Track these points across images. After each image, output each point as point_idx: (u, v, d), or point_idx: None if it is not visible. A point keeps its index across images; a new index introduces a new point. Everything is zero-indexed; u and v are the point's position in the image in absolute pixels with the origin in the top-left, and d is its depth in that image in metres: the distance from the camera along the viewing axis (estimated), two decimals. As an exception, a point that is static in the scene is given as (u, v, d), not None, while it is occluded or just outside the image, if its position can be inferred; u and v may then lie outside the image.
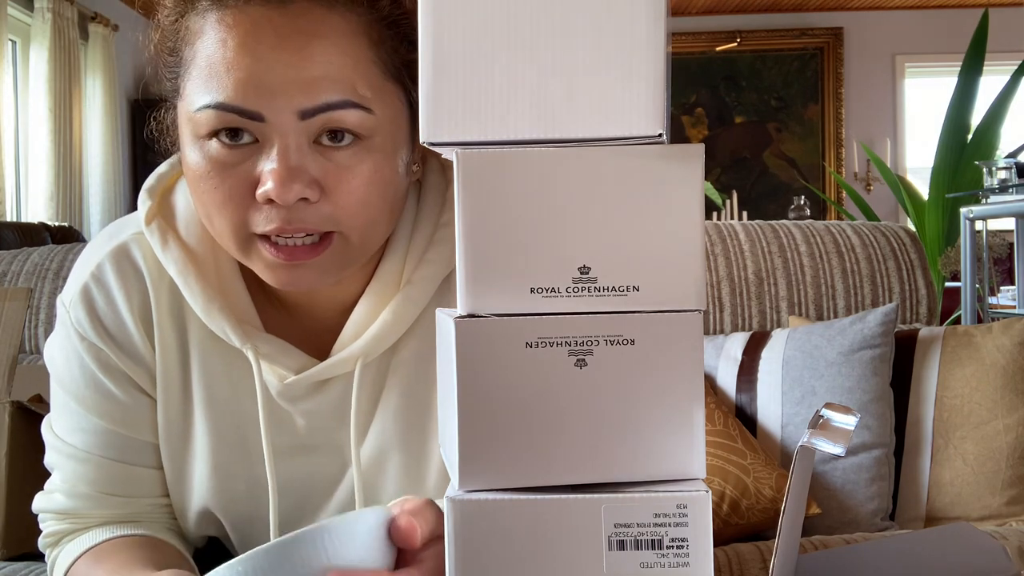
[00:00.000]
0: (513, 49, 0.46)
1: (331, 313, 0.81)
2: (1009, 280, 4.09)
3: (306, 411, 0.81)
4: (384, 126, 0.71)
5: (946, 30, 5.98)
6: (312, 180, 0.68)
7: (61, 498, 0.82)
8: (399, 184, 0.74)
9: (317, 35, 0.68)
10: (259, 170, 0.68)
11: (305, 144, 0.69)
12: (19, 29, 4.40)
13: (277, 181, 0.67)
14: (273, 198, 0.67)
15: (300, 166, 0.68)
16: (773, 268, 1.63)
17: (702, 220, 0.48)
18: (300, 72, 0.67)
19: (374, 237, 0.74)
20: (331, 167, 0.69)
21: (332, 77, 0.68)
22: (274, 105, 0.67)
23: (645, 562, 0.47)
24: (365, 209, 0.71)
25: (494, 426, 0.47)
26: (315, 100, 0.67)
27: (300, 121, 0.68)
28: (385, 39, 0.71)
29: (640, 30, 0.45)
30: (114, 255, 0.81)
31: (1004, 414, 1.40)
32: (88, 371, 0.81)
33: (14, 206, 4.35)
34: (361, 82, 0.69)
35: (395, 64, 0.72)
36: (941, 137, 4.31)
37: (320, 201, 0.69)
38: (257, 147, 0.69)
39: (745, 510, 1.33)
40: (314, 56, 0.67)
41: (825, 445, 0.52)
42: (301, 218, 0.69)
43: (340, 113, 0.68)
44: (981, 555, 0.66)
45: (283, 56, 0.67)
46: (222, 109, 0.68)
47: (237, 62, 0.67)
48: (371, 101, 0.69)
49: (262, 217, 0.69)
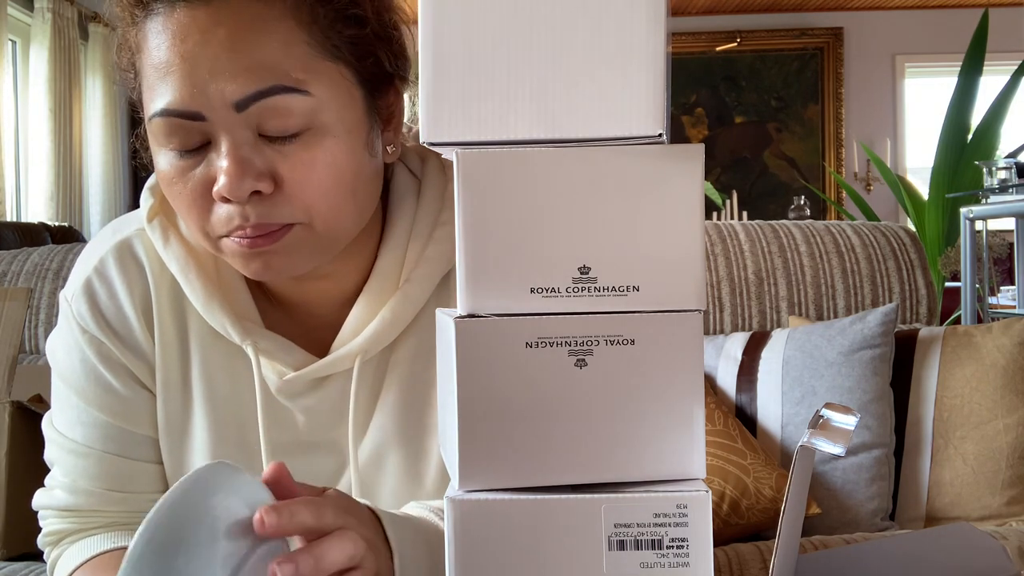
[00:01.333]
0: (513, 49, 0.46)
1: (330, 310, 0.81)
2: (1009, 280, 4.09)
3: (306, 408, 0.82)
4: (328, 107, 0.70)
5: (946, 30, 5.98)
6: (263, 172, 0.68)
7: (61, 494, 0.82)
8: (362, 166, 0.73)
9: (241, 26, 0.67)
10: (214, 168, 0.69)
11: (251, 137, 0.68)
12: (19, 29, 4.40)
13: (227, 176, 0.67)
14: (225, 195, 0.68)
15: (248, 160, 0.68)
16: (773, 268, 1.63)
17: (702, 220, 0.48)
18: (228, 64, 0.67)
19: (342, 223, 0.73)
20: (282, 158, 0.69)
21: (261, 64, 0.67)
22: (209, 101, 0.67)
23: (645, 562, 0.47)
24: (324, 197, 0.70)
25: (494, 426, 0.47)
26: (246, 89, 0.67)
27: (238, 114, 0.67)
28: (318, 18, 0.70)
29: (640, 30, 0.45)
30: (117, 250, 0.82)
31: (1004, 414, 1.40)
32: (89, 364, 0.81)
33: (14, 206, 4.35)
34: (294, 65, 0.68)
35: (333, 43, 0.71)
36: (941, 137, 4.31)
37: (276, 194, 0.69)
38: (209, 148, 0.69)
39: (745, 510, 1.33)
40: (240, 46, 0.67)
41: (825, 445, 0.52)
42: (260, 214, 0.69)
43: (275, 100, 0.67)
44: (981, 555, 0.66)
45: (209, 51, 0.67)
46: (166, 115, 0.68)
47: (169, 66, 0.68)
48: (307, 83, 0.68)
49: (224, 217, 0.70)
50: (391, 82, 0.77)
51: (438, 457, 0.81)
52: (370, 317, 0.79)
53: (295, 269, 0.73)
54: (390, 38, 0.75)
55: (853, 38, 6.18)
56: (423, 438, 0.82)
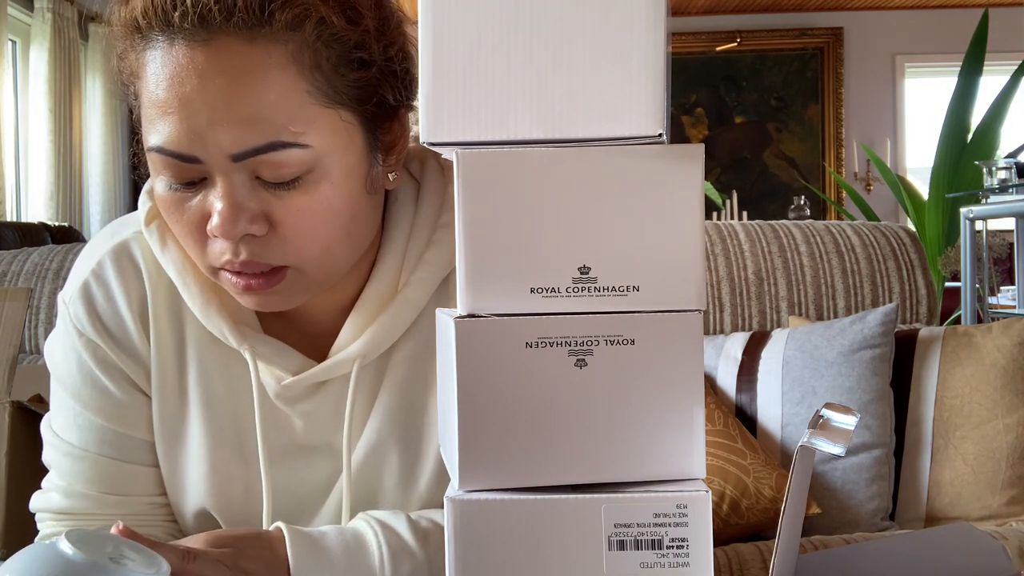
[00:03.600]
0: (513, 49, 0.46)
1: (329, 315, 0.81)
2: (1009, 280, 4.09)
3: (304, 413, 0.81)
4: (327, 154, 0.69)
5: (946, 30, 5.98)
6: (257, 215, 0.68)
7: (58, 497, 0.82)
8: (359, 206, 0.73)
9: (239, 73, 0.65)
10: (209, 204, 0.69)
11: (247, 180, 0.68)
12: (19, 29, 4.40)
13: (221, 218, 0.67)
14: (218, 235, 0.68)
15: (243, 203, 0.68)
16: (773, 268, 1.63)
17: (702, 220, 0.48)
18: (226, 114, 0.65)
19: (334, 265, 0.74)
20: (277, 202, 0.69)
21: (258, 118, 0.65)
22: (206, 150, 0.66)
23: (645, 562, 0.47)
24: (315, 241, 0.70)
25: (494, 426, 0.47)
26: (242, 145, 0.66)
27: (234, 163, 0.67)
28: (321, 63, 0.68)
29: (640, 30, 0.45)
30: (114, 252, 0.82)
31: (1004, 414, 1.40)
32: (86, 367, 0.81)
33: (14, 206, 4.35)
34: (292, 117, 0.66)
35: (335, 88, 0.69)
36: (941, 137, 4.31)
37: (269, 235, 0.69)
38: (207, 183, 0.69)
39: (745, 510, 1.33)
40: (237, 98, 0.65)
41: (825, 445, 0.52)
42: (252, 253, 0.69)
43: (272, 155, 0.66)
44: (981, 555, 0.66)
45: (208, 98, 0.65)
46: (163, 153, 0.68)
47: (167, 106, 0.67)
48: (305, 136, 0.67)
49: (218, 249, 0.70)
50: (396, 113, 0.75)
51: (434, 460, 0.81)
52: (369, 322, 0.78)
53: (289, 305, 0.74)
54: (396, 73, 0.73)
55: (853, 38, 6.18)
56: (419, 441, 0.81)
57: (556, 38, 0.46)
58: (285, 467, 0.82)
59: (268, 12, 0.65)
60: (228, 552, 0.66)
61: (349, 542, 0.72)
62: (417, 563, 0.71)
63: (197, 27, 0.65)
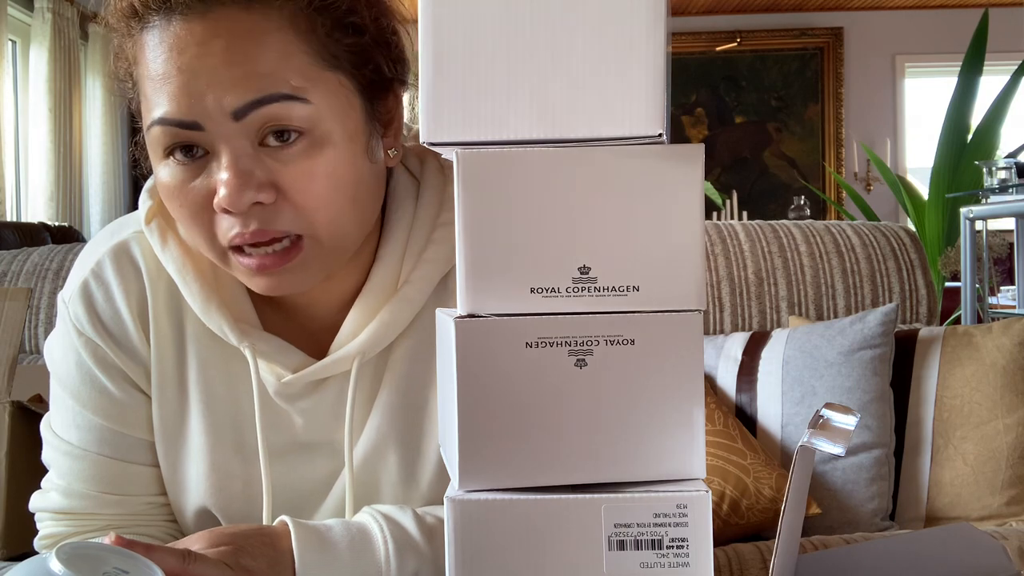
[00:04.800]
0: (513, 49, 0.46)
1: (329, 312, 0.81)
2: (1009, 280, 4.09)
3: (303, 410, 0.82)
4: (328, 116, 0.70)
5: (946, 30, 5.98)
6: (264, 183, 0.68)
7: (57, 497, 0.82)
8: (363, 173, 0.73)
9: (238, 35, 0.67)
10: (214, 180, 0.69)
11: (250, 147, 0.68)
12: (19, 29, 4.40)
13: (228, 188, 0.67)
14: (226, 207, 0.68)
15: (249, 170, 0.68)
16: (773, 268, 1.63)
17: (702, 220, 0.48)
18: (226, 74, 0.66)
19: (345, 232, 0.73)
20: (282, 168, 0.69)
21: (259, 73, 0.67)
22: (207, 111, 0.67)
23: (645, 562, 0.47)
24: (327, 206, 0.70)
25: (494, 426, 0.47)
26: (244, 97, 0.67)
27: (236, 123, 0.67)
28: (316, 27, 0.69)
29: (640, 30, 0.45)
30: (114, 252, 0.82)
31: (1004, 414, 1.40)
32: (85, 367, 0.81)
33: (14, 206, 4.35)
34: (293, 73, 0.68)
35: (332, 52, 0.70)
36: (941, 137, 4.31)
37: (278, 202, 0.69)
38: (210, 158, 0.69)
39: (745, 510, 1.33)
40: (237, 57, 0.67)
41: (825, 445, 0.52)
42: (263, 221, 0.69)
43: (275, 108, 0.67)
44: (981, 555, 0.66)
45: (207, 61, 0.67)
46: (164, 124, 0.68)
47: (167, 76, 0.68)
48: (307, 91, 0.68)
49: (226, 226, 0.70)
50: (390, 87, 0.77)
51: (434, 458, 0.81)
52: (368, 319, 0.79)
53: (304, 284, 0.74)
54: (388, 43, 0.75)
55: (853, 38, 6.18)
56: (419, 439, 0.82)
57: (556, 38, 0.46)
58: (285, 464, 0.82)
59: None
60: (229, 550, 0.66)
61: (355, 536, 0.71)
62: (423, 558, 0.71)
63: (194, 1, 0.67)
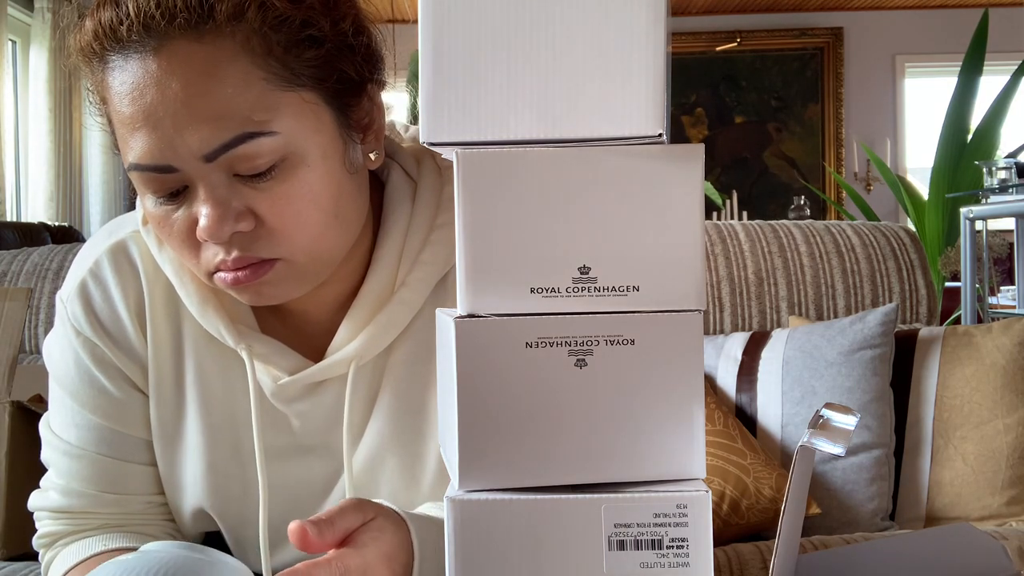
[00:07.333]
0: (513, 49, 0.46)
1: (326, 315, 0.81)
2: (1009, 280, 4.09)
3: (300, 412, 0.81)
4: (298, 138, 0.68)
5: (946, 30, 5.98)
6: (243, 212, 0.68)
7: (56, 496, 0.82)
8: (343, 186, 0.72)
9: (194, 74, 0.65)
10: (195, 212, 0.69)
11: (226, 179, 0.68)
12: (19, 29, 4.40)
13: (208, 221, 0.67)
14: (207, 238, 0.68)
15: (226, 202, 0.68)
16: (773, 268, 1.63)
17: (702, 220, 0.48)
18: (189, 117, 0.65)
19: (329, 247, 0.73)
20: (259, 195, 0.68)
21: (220, 114, 0.65)
22: (177, 154, 0.66)
23: (645, 562, 0.47)
24: (307, 227, 0.70)
25: (494, 426, 0.47)
26: (210, 144, 0.66)
27: (208, 163, 0.67)
28: (272, 47, 0.67)
29: (640, 30, 0.45)
30: (112, 252, 0.82)
31: (1004, 414, 1.40)
32: (83, 366, 0.81)
33: (14, 206, 4.35)
34: (254, 106, 0.66)
35: (292, 70, 0.68)
36: (941, 137, 4.31)
37: (258, 229, 0.69)
38: (189, 192, 0.69)
39: (745, 510, 1.33)
40: (196, 98, 0.65)
41: (825, 445, 0.52)
42: (243, 247, 0.69)
43: (242, 148, 0.66)
44: (981, 555, 0.66)
45: (168, 106, 0.66)
46: (139, 170, 0.68)
47: (134, 122, 0.67)
48: (270, 122, 0.67)
49: (210, 254, 0.70)
50: (362, 90, 0.74)
51: (434, 461, 0.81)
52: (365, 322, 0.78)
53: (287, 296, 0.74)
54: (352, 47, 0.72)
55: (853, 38, 6.18)
56: (419, 442, 0.81)
57: (556, 38, 0.46)
58: (282, 466, 0.82)
59: (208, 6, 0.65)
60: None
61: None
62: None
63: (145, 36, 0.66)
